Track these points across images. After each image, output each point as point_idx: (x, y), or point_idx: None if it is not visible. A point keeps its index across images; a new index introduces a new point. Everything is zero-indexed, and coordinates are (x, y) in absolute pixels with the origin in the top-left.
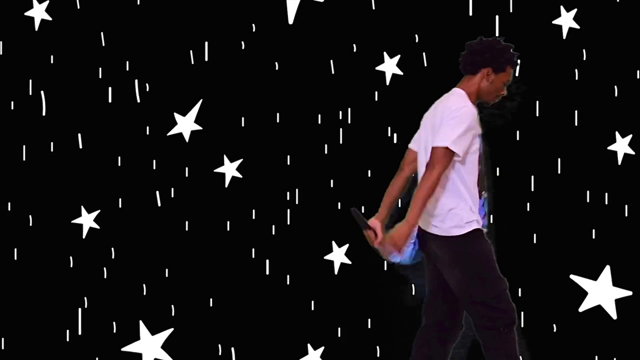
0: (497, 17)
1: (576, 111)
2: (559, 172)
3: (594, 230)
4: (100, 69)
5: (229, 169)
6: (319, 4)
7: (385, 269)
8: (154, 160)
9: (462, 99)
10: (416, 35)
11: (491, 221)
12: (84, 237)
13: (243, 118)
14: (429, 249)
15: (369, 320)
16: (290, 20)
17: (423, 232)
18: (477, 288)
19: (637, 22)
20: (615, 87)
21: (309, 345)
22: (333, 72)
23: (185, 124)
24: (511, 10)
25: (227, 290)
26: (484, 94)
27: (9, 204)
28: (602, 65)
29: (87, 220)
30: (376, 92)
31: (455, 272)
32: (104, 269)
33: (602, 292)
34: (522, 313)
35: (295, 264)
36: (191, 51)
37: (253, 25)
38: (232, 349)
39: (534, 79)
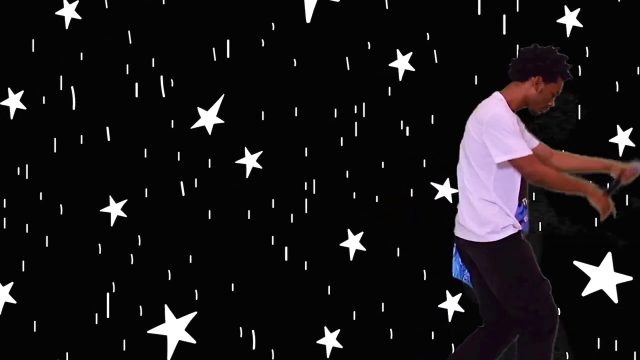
0: (504, 16)
1: (580, 106)
2: None
3: (596, 219)
4: (127, 65)
5: (250, 161)
6: (335, 3)
7: (398, 255)
8: (178, 152)
9: (495, 105)
10: (427, 34)
11: (529, 227)
12: (111, 225)
13: (263, 112)
14: (466, 255)
15: (383, 304)
16: (308, 20)
17: (458, 239)
18: (516, 293)
19: (637, 22)
20: (617, 83)
21: (325, 327)
22: (348, 69)
23: (208, 118)
24: (517, 10)
25: (248, 275)
26: (532, 103)
27: (41, 193)
28: (604, 63)
29: (114, 209)
30: (389, 88)
31: (495, 278)
32: (131, 255)
33: (604, 278)
34: None
35: (312, 250)
36: (213, 49)
37: (272, 24)
38: (253, 331)
39: None
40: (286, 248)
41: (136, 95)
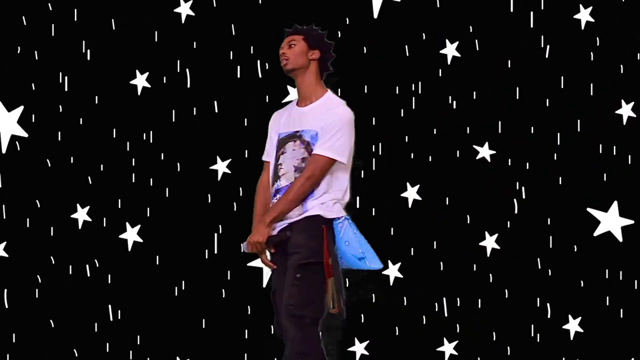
0: (531, 13)
1: (591, 84)
2: (579, 130)
3: (605, 174)
4: (230, 52)
5: None
6: (397, 3)
7: (447, 203)
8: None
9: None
10: (470, 27)
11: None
12: (218, 179)
13: (339, 89)
14: None
15: (435, 242)
16: (375, 15)
17: None
18: None
19: (637, 18)
20: (621, 66)
21: (389, 261)
22: (407, 54)
23: (295, 94)
24: (542, 8)
25: None
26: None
27: (162, 154)
28: (611, 50)
29: (221, 166)
30: (440, 70)
31: None
32: (234, 204)
33: (611, 221)
34: (551, 237)
35: (378, 199)
36: None
37: (347, 19)
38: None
39: (560, 60)
40: (357, 198)
41: (238, 76)
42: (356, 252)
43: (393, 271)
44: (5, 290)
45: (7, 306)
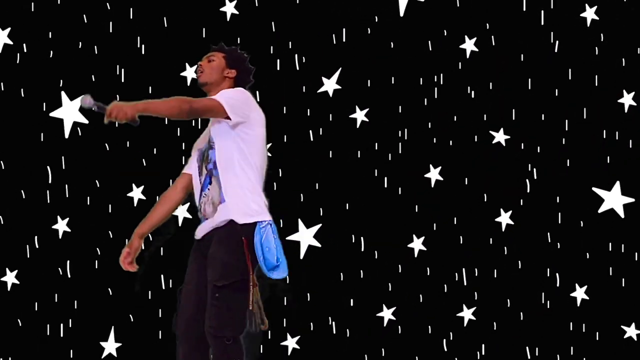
0: (542, 12)
1: (596, 75)
2: (584, 117)
3: (608, 157)
4: (271, 47)
5: (360, 115)
6: (421, 3)
7: (466, 184)
8: (308, 109)
9: None
10: (487, 24)
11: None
12: None
13: (369, 80)
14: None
15: (455, 219)
16: (401, 14)
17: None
18: None
19: (637, 16)
20: (623, 59)
21: (414, 235)
22: (430, 49)
23: (330, 84)
24: (552, 7)
25: (358, 196)
26: None
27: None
28: (614, 44)
29: None
30: (459, 63)
31: None
32: (274, 184)
33: (614, 199)
34: (560, 214)
35: (404, 180)
36: (333, 35)
37: (375, 17)
38: (362, 237)
39: (567, 54)
40: (386, 178)
41: (277, 68)
42: (273, 260)
43: (417, 244)
44: (68, 261)
45: (69, 276)
